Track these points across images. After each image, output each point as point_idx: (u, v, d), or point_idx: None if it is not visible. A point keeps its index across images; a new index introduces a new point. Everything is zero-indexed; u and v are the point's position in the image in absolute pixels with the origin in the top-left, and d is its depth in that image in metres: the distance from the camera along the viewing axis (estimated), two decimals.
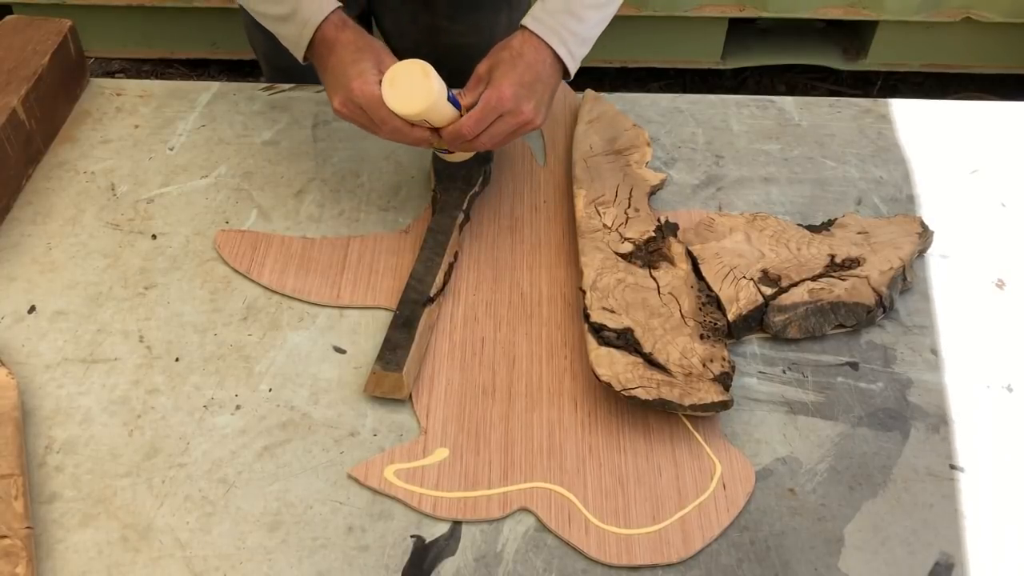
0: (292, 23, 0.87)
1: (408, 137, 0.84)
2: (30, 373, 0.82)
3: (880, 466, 0.77)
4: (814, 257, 0.89)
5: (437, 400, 0.80)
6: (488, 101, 0.83)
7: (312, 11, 0.86)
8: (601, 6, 0.89)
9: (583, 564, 0.70)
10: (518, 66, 0.85)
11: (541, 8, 0.88)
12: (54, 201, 0.99)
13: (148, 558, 0.70)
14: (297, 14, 0.86)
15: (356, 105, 0.83)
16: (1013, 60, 2.08)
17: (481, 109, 0.83)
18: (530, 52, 0.86)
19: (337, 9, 0.87)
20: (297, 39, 0.88)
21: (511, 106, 0.84)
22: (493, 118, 0.84)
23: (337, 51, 0.85)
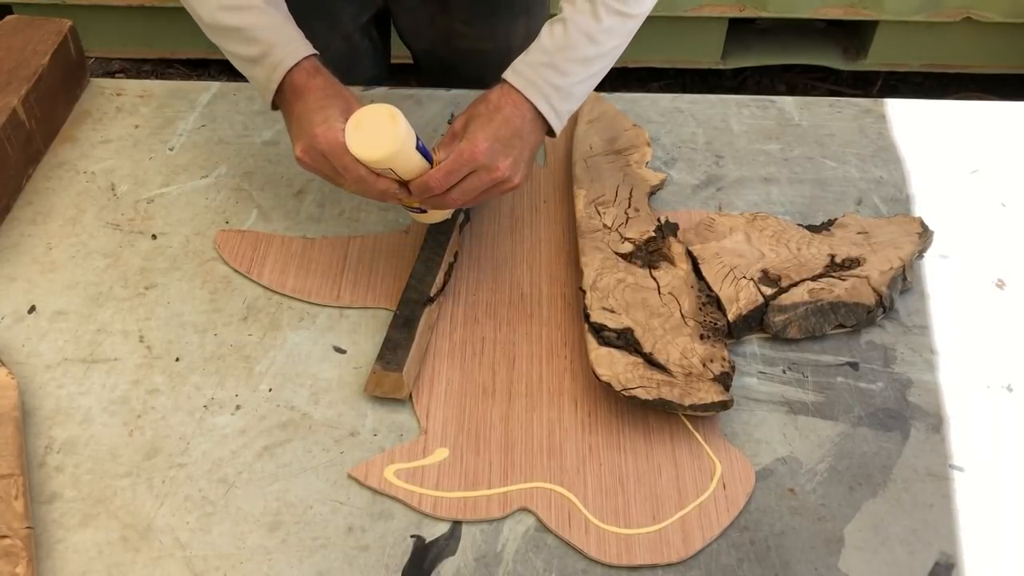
0: (262, 66, 0.82)
1: (373, 188, 0.78)
2: (30, 373, 0.82)
3: (880, 466, 0.77)
4: (814, 257, 0.89)
5: (437, 400, 0.81)
6: (461, 154, 0.78)
7: (284, 55, 0.82)
8: (589, 61, 0.82)
9: (583, 564, 0.70)
10: (495, 120, 0.80)
11: (522, 61, 0.82)
12: (54, 201, 0.99)
13: (148, 558, 0.70)
14: (268, 57, 0.82)
15: (318, 152, 0.78)
16: (1013, 60, 2.08)
17: (452, 161, 0.78)
18: (508, 106, 0.81)
19: (311, 56, 0.83)
20: (266, 83, 0.83)
21: (485, 160, 0.78)
22: (465, 172, 0.78)
23: (305, 97, 0.81)
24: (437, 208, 0.84)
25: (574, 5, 0.81)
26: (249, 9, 0.82)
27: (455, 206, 0.83)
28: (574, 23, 0.80)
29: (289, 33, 0.83)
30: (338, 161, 0.77)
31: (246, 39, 0.82)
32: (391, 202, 0.82)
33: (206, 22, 0.84)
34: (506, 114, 0.80)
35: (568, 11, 0.81)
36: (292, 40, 0.83)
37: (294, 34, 0.84)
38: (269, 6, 0.83)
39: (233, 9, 0.82)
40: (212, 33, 0.85)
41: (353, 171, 0.77)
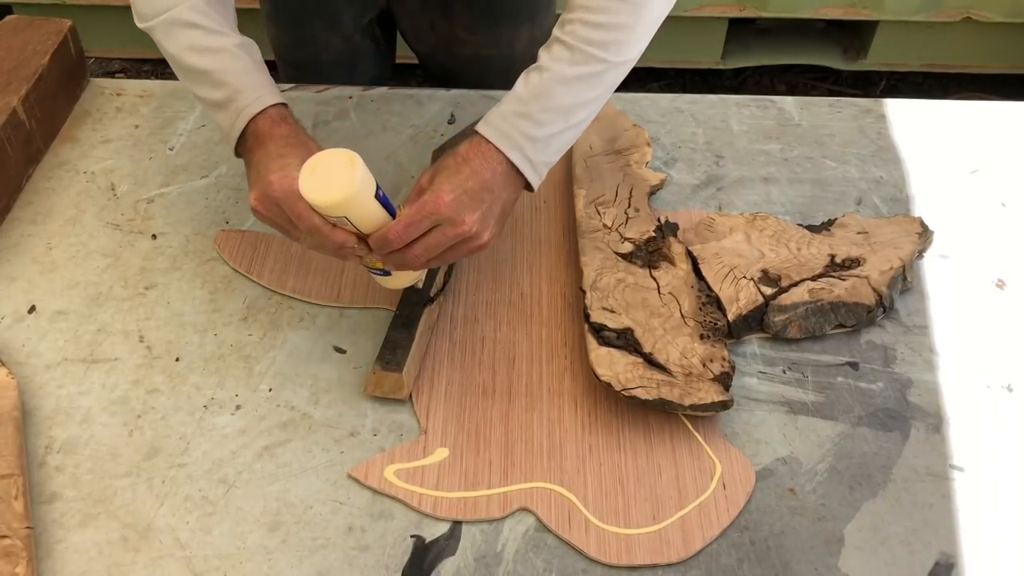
0: (226, 111, 0.79)
1: (328, 240, 0.72)
2: (30, 373, 0.82)
3: (880, 466, 0.76)
4: (814, 257, 0.89)
5: (437, 400, 0.80)
6: (423, 205, 0.72)
7: (249, 101, 0.78)
8: (567, 110, 0.76)
9: (583, 564, 0.70)
10: (462, 172, 0.74)
11: (495, 111, 0.77)
12: (54, 201, 0.99)
13: (148, 558, 0.70)
14: (232, 102, 0.78)
15: (272, 200, 0.73)
16: (1013, 60, 2.08)
17: (414, 213, 0.72)
18: (477, 158, 0.75)
19: (278, 104, 0.79)
20: (229, 129, 0.79)
21: (449, 213, 0.72)
22: (427, 226, 0.72)
23: (266, 145, 0.76)
24: (399, 267, 0.77)
25: (551, 52, 0.76)
26: (218, 52, 0.79)
27: (417, 264, 0.75)
28: (550, 71, 0.75)
29: (258, 80, 0.79)
30: (291, 209, 0.72)
31: (213, 83, 0.79)
32: (350, 259, 0.75)
33: (174, 59, 0.81)
34: (474, 166, 0.75)
35: (544, 58, 0.76)
36: (260, 87, 0.79)
37: (263, 81, 0.80)
38: (240, 50, 0.80)
39: (201, 51, 0.79)
40: (179, 72, 0.82)
41: (307, 220, 0.71)
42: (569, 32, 0.75)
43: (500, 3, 1.11)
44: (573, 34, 0.75)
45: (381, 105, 1.10)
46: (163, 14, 0.79)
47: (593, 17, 0.74)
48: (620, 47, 0.75)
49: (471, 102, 1.10)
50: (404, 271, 0.79)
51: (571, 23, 0.75)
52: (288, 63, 1.22)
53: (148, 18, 0.80)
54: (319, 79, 1.15)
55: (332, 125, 1.08)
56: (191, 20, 0.79)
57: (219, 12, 0.81)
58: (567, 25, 0.75)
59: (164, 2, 0.79)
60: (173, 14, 0.79)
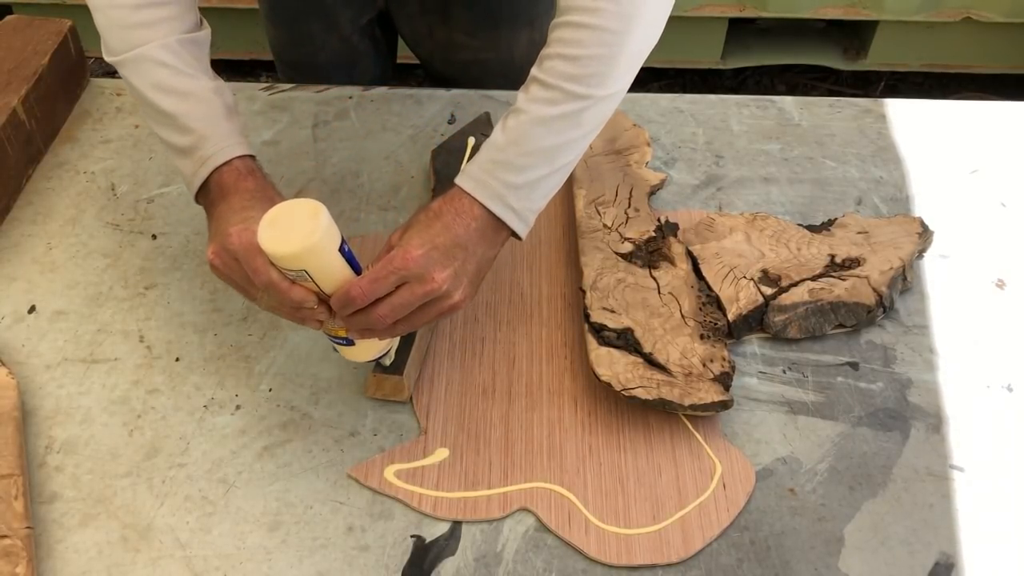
0: (190, 159, 0.74)
1: (285, 297, 0.67)
2: (30, 373, 0.82)
3: (880, 466, 0.76)
4: (814, 257, 0.89)
5: (437, 400, 0.80)
6: (390, 260, 0.67)
7: (215, 150, 0.73)
8: (550, 152, 0.71)
9: (583, 564, 0.70)
10: (433, 226, 0.70)
11: (473, 162, 0.73)
12: (54, 201, 0.99)
13: (148, 558, 0.70)
14: (197, 150, 0.74)
15: (230, 254, 0.68)
16: (1013, 60, 2.08)
17: (380, 268, 0.67)
18: (450, 213, 0.70)
19: (245, 156, 0.75)
20: (191, 177, 0.75)
21: (417, 269, 0.67)
22: (394, 282, 0.67)
23: (229, 199, 0.72)
24: (363, 331, 0.70)
25: (528, 92, 0.71)
26: (186, 96, 0.75)
27: (382, 325, 0.69)
28: (527, 112, 0.70)
29: (226, 128, 0.75)
30: (248, 263, 0.66)
31: (178, 127, 0.74)
32: (309, 323, 0.70)
33: (140, 98, 0.76)
34: (446, 221, 0.70)
35: (521, 100, 0.71)
36: (227, 136, 0.75)
37: (231, 129, 0.76)
38: (211, 95, 0.76)
39: (168, 91, 0.75)
40: (144, 112, 0.77)
41: (263, 275, 0.66)
42: (546, 69, 0.70)
43: (499, 6, 1.11)
44: (550, 71, 0.70)
45: (381, 105, 1.10)
46: (133, 50, 0.75)
47: (570, 51, 0.69)
48: (601, 80, 0.70)
49: (471, 102, 1.10)
50: (368, 339, 0.72)
51: (549, 59, 0.70)
52: (286, 63, 1.22)
53: (117, 52, 0.75)
54: (317, 79, 1.15)
55: (332, 125, 1.08)
56: (161, 59, 0.74)
57: (191, 53, 0.77)
58: (544, 62, 0.71)
59: (135, 38, 0.75)
60: (143, 51, 0.74)
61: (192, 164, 0.75)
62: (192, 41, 0.77)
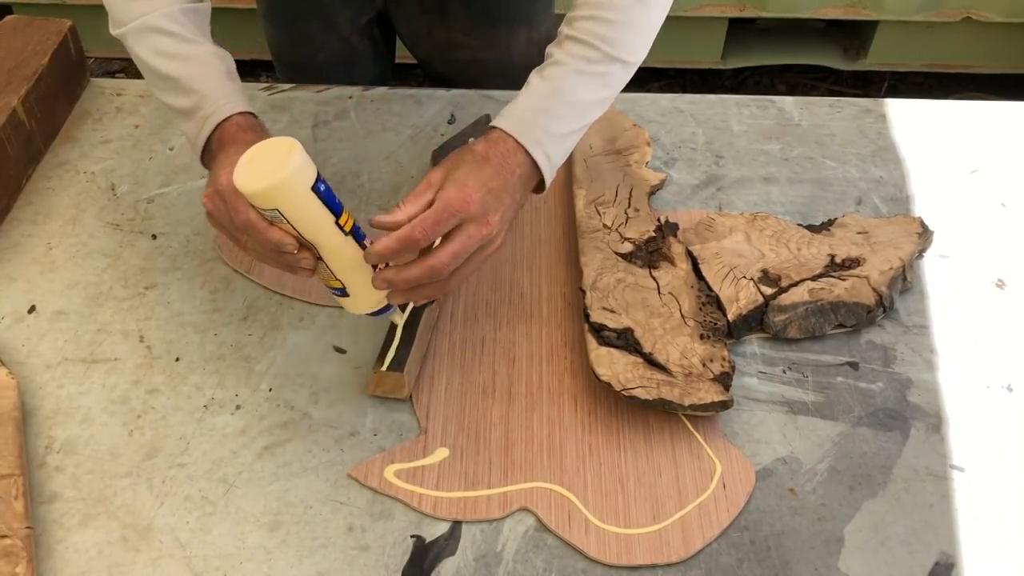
0: (193, 119, 0.77)
1: (263, 239, 0.66)
2: (30, 373, 0.82)
3: (880, 466, 0.76)
4: (814, 257, 0.89)
5: (437, 400, 0.80)
6: (449, 202, 0.67)
7: (216, 108, 0.76)
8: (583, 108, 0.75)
9: (583, 564, 0.70)
10: (484, 169, 0.70)
11: (513, 106, 0.75)
12: (54, 201, 0.99)
13: (148, 558, 0.70)
14: (199, 110, 0.76)
15: (219, 196, 0.70)
16: (1013, 60, 2.08)
17: (440, 210, 0.67)
18: (498, 157, 0.72)
19: (246, 113, 0.77)
20: (195, 138, 0.77)
21: (477, 212, 0.68)
22: (454, 223, 0.67)
23: (227, 149, 0.73)
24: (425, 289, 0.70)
25: (565, 48, 0.75)
26: (188, 59, 0.77)
27: (444, 273, 0.69)
28: (567, 65, 0.74)
29: (227, 87, 0.77)
30: (230, 203, 0.67)
31: (181, 90, 0.77)
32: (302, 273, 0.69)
33: (144, 65, 0.79)
34: (495, 165, 0.71)
35: (559, 54, 0.75)
36: (228, 94, 0.77)
37: (232, 89, 0.78)
38: (212, 58, 0.78)
39: (171, 56, 0.77)
40: (148, 79, 0.80)
41: (242, 214, 0.66)
42: (581, 29, 0.74)
43: (497, 6, 1.11)
44: (586, 31, 0.74)
45: (381, 105, 1.10)
46: (136, 19, 0.77)
47: (604, 14, 0.74)
48: (630, 47, 0.75)
49: (471, 102, 1.10)
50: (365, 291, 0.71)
51: (582, 20, 0.74)
52: (285, 63, 1.22)
53: (122, 24, 0.78)
54: (316, 79, 1.15)
55: (332, 125, 1.08)
56: (163, 27, 0.77)
57: (193, 22, 0.79)
58: (577, 23, 0.75)
59: (138, 8, 0.77)
60: (146, 20, 0.77)
61: (195, 124, 0.77)
62: (194, 11, 0.80)
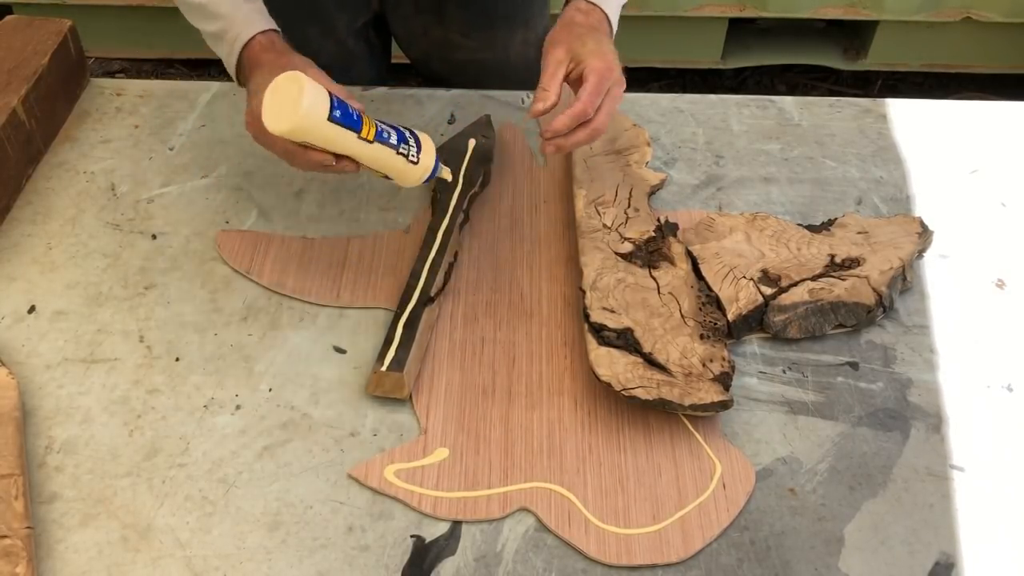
0: (224, 42, 0.86)
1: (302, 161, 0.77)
2: (30, 373, 0.82)
3: (880, 466, 0.77)
4: (814, 257, 0.89)
5: (437, 400, 0.81)
6: (601, 73, 0.80)
7: (240, 30, 0.84)
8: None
9: (583, 564, 0.70)
10: (603, 41, 0.83)
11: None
12: (54, 201, 0.99)
13: (148, 558, 0.70)
14: (227, 33, 0.85)
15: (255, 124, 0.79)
16: (1013, 60, 2.08)
17: (598, 83, 0.80)
18: (596, 22, 0.86)
19: (268, 30, 0.85)
20: (228, 58, 0.86)
21: (618, 76, 0.82)
22: (606, 88, 0.81)
23: (254, 75, 0.83)
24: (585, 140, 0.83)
25: None
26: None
27: (603, 128, 0.82)
28: None
29: (247, 9, 0.85)
30: (262, 140, 0.78)
31: (209, 15, 0.85)
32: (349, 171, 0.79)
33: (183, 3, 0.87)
34: (603, 32, 0.85)
35: None
36: (249, 15, 0.85)
37: (252, 9, 0.86)
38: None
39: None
40: (183, 8, 0.88)
41: (278, 145, 0.77)
42: None
43: (495, 6, 1.11)
44: None
45: (381, 105, 1.10)
46: None
47: None
48: None
49: (471, 102, 1.10)
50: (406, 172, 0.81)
51: None
52: None
53: None
54: None
55: None
56: None
57: None
58: None
59: None
60: None
61: (225, 47, 0.86)
62: None
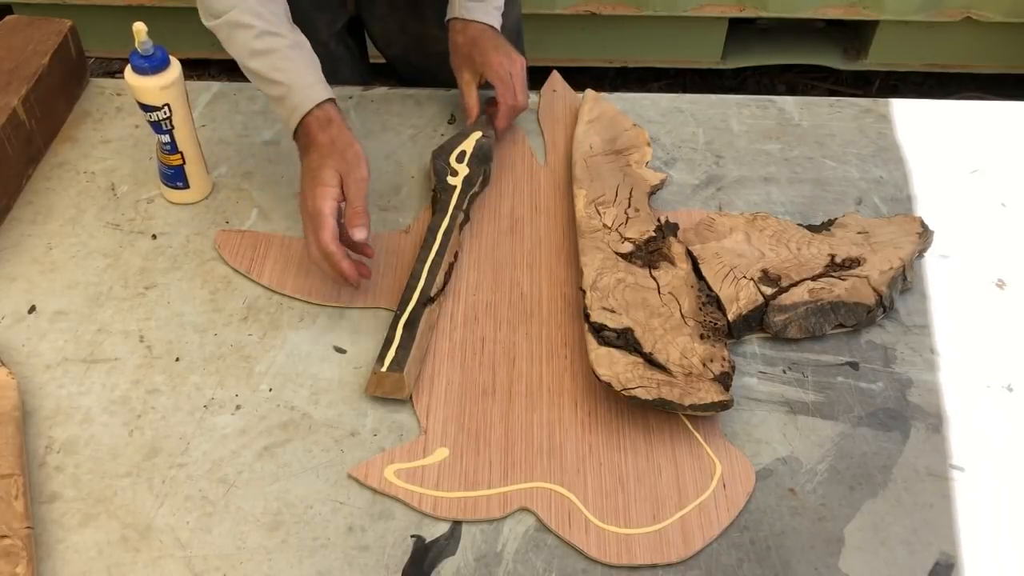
0: (284, 107, 0.88)
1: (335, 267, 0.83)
2: (30, 373, 0.82)
3: (880, 466, 0.76)
4: (814, 257, 0.89)
5: (437, 400, 0.80)
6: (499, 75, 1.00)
7: (300, 100, 0.87)
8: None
9: (583, 564, 0.70)
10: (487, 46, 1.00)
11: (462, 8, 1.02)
12: (54, 201, 0.99)
13: (148, 558, 0.70)
14: (287, 99, 0.87)
15: (306, 212, 0.84)
16: (1013, 60, 2.07)
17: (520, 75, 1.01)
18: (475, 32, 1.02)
19: (326, 103, 0.87)
20: (286, 122, 0.89)
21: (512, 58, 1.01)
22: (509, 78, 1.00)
23: (310, 152, 0.86)
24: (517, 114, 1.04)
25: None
26: (272, 53, 0.87)
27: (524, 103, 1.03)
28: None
29: (308, 78, 0.88)
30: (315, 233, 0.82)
31: (270, 81, 0.87)
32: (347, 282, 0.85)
33: (240, 63, 0.89)
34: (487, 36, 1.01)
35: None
36: (310, 85, 0.87)
37: (312, 78, 0.88)
38: (291, 50, 0.88)
39: (253, 53, 0.87)
40: (247, 73, 0.90)
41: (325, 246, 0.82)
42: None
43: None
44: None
45: (381, 105, 1.10)
46: (223, 15, 0.87)
47: None
48: None
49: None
50: None
51: None
52: None
53: (214, 16, 0.88)
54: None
55: None
56: (245, 22, 0.87)
57: (271, 11, 0.88)
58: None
59: (223, 4, 0.87)
60: (231, 16, 0.87)
61: (285, 111, 0.88)
62: None
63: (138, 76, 0.91)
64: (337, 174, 0.83)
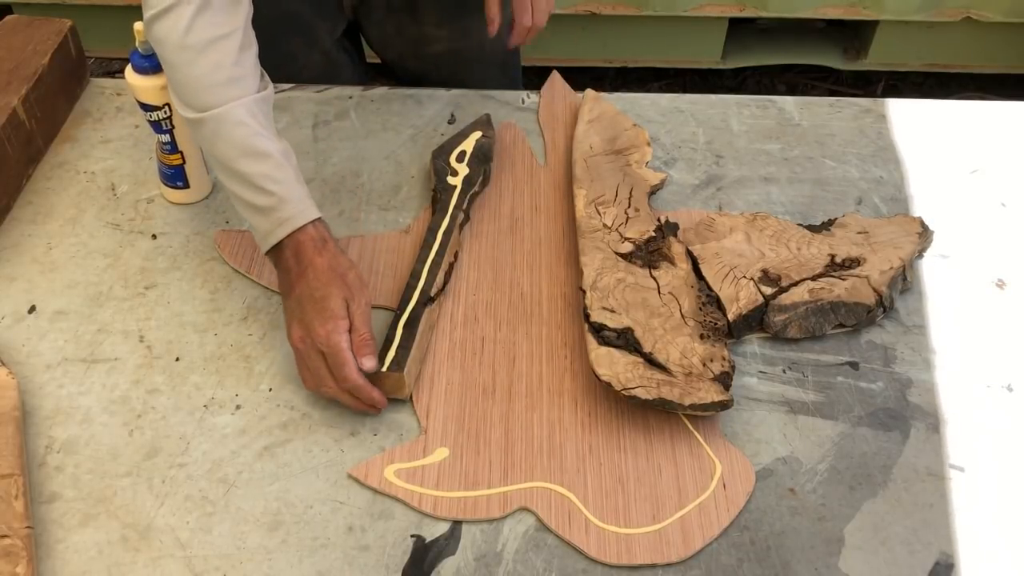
0: (267, 217, 0.80)
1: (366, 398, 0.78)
2: (30, 373, 0.82)
3: (880, 466, 0.76)
4: (814, 257, 0.89)
5: (437, 400, 0.80)
6: None
7: (293, 213, 0.79)
8: None
9: (583, 564, 0.70)
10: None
11: None
12: (54, 201, 0.99)
13: (148, 558, 0.70)
14: (275, 211, 0.79)
15: (317, 349, 0.77)
16: (1013, 60, 2.07)
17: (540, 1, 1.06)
18: None
19: (318, 221, 0.81)
20: (266, 235, 0.81)
21: None
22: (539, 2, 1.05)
23: (307, 276, 0.79)
24: None
25: None
26: (264, 158, 0.79)
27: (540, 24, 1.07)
28: None
29: (300, 192, 0.81)
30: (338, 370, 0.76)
31: (256, 188, 0.79)
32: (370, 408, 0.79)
33: (219, 160, 0.81)
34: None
35: None
36: (301, 199, 0.81)
37: (303, 191, 0.82)
38: (283, 158, 0.81)
39: (247, 154, 0.79)
40: (225, 175, 0.82)
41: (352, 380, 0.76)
42: None
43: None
44: None
45: (381, 105, 1.10)
46: (211, 110, 0.79)
47: None
48: None
49: (471, 102, 1.10)
50: None
51: None
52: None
53: (198, 109, 0.79)
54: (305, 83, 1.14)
55: (332, 125, 1.08)
56: (240, 119, 0.79)
57: (264, 113, 0.81)
58: None
59: (214, 98, 0.79)
60: (223, 112, 0.78)
61: (268, 223, 0.80)
62: (264, 100, 0.82)
63: (138, 76, 0.90)
64: (344, 303, 0.77)
